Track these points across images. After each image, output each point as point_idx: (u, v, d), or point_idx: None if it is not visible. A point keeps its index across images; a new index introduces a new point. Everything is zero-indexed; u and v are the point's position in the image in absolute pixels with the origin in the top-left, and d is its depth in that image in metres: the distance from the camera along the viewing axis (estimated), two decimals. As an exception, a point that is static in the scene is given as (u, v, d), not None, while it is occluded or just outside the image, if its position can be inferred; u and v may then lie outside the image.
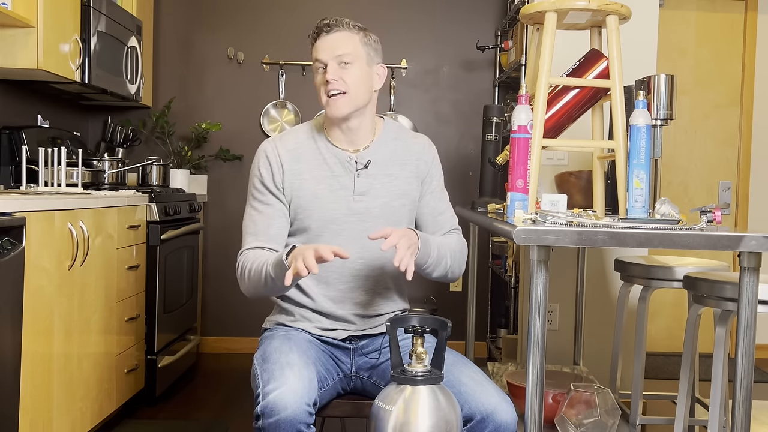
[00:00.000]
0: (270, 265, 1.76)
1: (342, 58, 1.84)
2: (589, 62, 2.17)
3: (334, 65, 1.84)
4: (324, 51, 1.85)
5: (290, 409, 1.56)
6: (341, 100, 1.85)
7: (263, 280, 1.78)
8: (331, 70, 1.84)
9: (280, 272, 1.71)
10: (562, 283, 3.23)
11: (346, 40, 1.85)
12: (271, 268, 1.75)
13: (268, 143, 1.94)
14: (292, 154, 1.91)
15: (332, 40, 1.85)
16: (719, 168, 4.57)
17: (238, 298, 4.41)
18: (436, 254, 1.85)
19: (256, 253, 1.85)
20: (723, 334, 1.99)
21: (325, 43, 1.85)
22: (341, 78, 1.84)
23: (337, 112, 1.85)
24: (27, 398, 2.18)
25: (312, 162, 1.91)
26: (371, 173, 1.92)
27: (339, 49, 1.84)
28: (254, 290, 1.84)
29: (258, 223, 1.89)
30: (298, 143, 1.93)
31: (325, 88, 1.85)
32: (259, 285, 1.81)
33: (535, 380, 1.66)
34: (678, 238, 1.62)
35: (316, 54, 1.86)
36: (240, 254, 1.89)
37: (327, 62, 1.84)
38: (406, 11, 4.41)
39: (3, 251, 2.01)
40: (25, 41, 2.88)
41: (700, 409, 2.73)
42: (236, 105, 4.40)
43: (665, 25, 4.40)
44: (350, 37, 1.86)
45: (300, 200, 1.89)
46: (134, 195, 3.09)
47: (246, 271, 1.84)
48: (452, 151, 4.42)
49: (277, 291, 1.83)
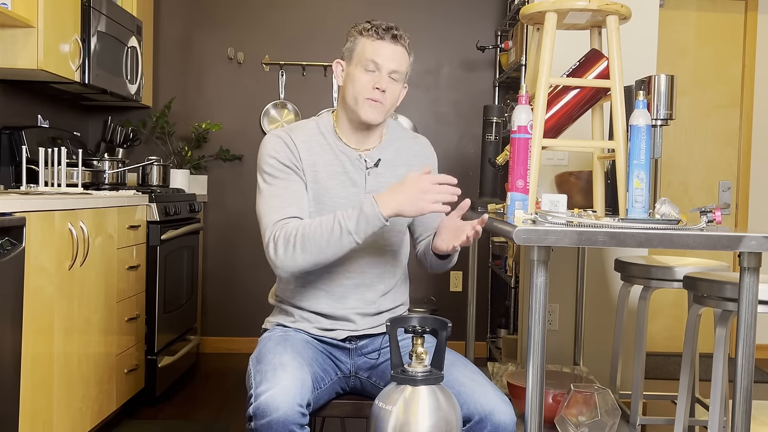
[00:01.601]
0: (344, 219, 1.70)
1: (394, 74, 1.85)
2: (589, 62, 2.17)
3: (386, 77, 1.84)
4: (387, 59, 1.84)
5: (282, 410, 1.56)
6: (379, 109, 1.85)
7: (335, 238, 1.70)
8: (384, 80, 1.84)
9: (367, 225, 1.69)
10: (562, 283, 3.23)
11: (403, 59, 1.87)
12: (349, 221, 1.69)
13: (281, 131, 1.90)
14: (305, 145, 1.89)
15: (396, 53, 1.85)
16: (719, 168, 4.57)
17: (238, 298, 4.41)
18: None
19: (300, 221, 1.76)
20: (723, 334, 1.99)
21: (389, 52, 1.84)
22: (388, 91, 1.85)
23: (372, 117, 1.85)
24: (27, 398, 2.18)
25: (325, 156, 1.90)
26: (380, 172, 1.93)
27: (397, 64, 1.85)
28: (307, 257, 1.73)
29: (286, 197, 1.81)
30: (308, 136, 1.91)
31: (372, 93, 1.84)
32: (323, 247, 1.71)
33: (535, 380, 1.66)
34: (678, 238, 1.62)
35: (375, 56, 1.83)
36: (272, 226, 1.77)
37: (382, 70, 1.84)
38: (405, 11, 4.41)
39: (3, 251, 2.01)
40: (25, 41, 2.88)
41: (700, 409, 2.73)
42: (236, 105, 4.40)
43: (665, 25, 4.40)
44: (405, 56, 1.88)
45: (313, 192, 1.87)
46: (134, 195, 3.09)
47: (297, 236, 1.73)
48: (452, 151, 4.42)
49: (342, 251, 1.74)
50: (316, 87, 4.40)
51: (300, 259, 1.74)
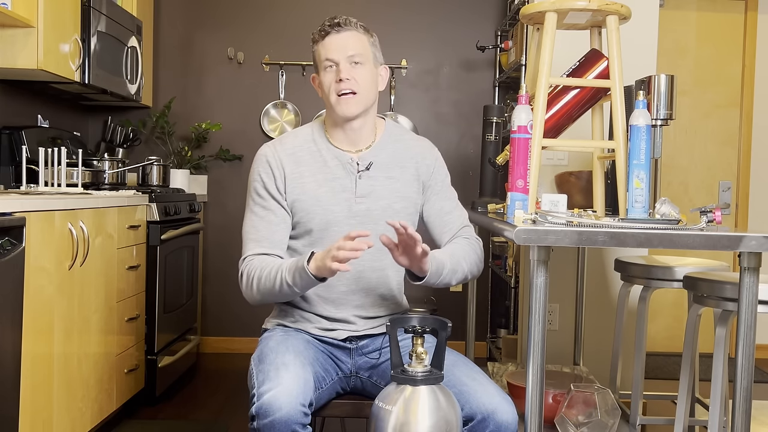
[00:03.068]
0: (286, 272, 1.75)
1: (353, 58, 1.84)
2: (589, 62, 2.17)
3: (346, 65, 1.84)
4: (336, 50, 1.84)
5: (285, 410, 1.56)
6: (352, 100, 1.84)
7: (277, 288, 1.77)
8: (344, 69, 1.83)
9: (300, 279, 1.72)
10: (562, 283, 3.23)
11: (357, 40, 1.85)
12: (288, 274, 1.74)
13: (267, 147, 1.93)
14: (292, 158, 1.91)
15: (343, 39, 1.84)
16: (719, 168, 4.57)
17: (238, 298, 4.41)
18: (449, 267, 1.83)
19: (263, 260, 1.84)
20: (723, 334, 1.99)
21: (336, 42, 1.84)
22: (353, 78, 1.84)
23: (348, 111, 1.85)
24: (27, 398, 2.18)
25: (313, 165, 1.91)
26: (372, 175, 1.91)
27: (350, 49, 1.84)
28: (262, 297, 1.83)
29: (260, 230, 1.88)
30: (297, 146, 1.93)
31: (337, 87, 1.84)
32: (271, 292, 1.80)
33: (535, 380, 1.66)
34: (678, 238, 1.62)
35: (326, 53, 1.85)
36: (243, 261, 1.87)
37: (339, 61, 1.84)
38: (406, 11, 4.41)
39: (3, 251, 2.01)
40: (25, 41, 2.88)
41: (700, 409, 2.73)
42: (236, 105, 4.40)
43: (665, 25, 4.40)
44: (359, 37, 1.86)
45: (302, 203, 1.89)
46: (134, 195, 3.09)
47: (254, 279, 1.82)
48: (452, 151, 4.42)
49: (290, 297, 1.84)
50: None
51: (258, 297, 1.84)
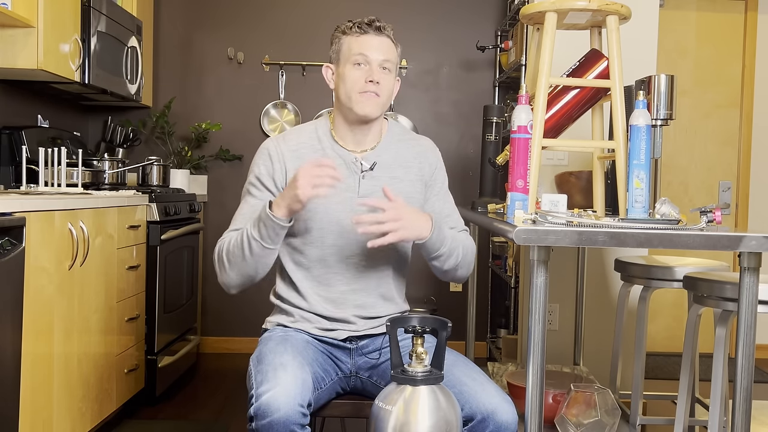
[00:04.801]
0: (251, 227, 1.74)
1: (385, 64, 1.85)
2: (589, 62, 2.17)
3: (378, 68, 1.84)
4: (374, 50, 1.84)
5: (283, 411, 1.55)
6: (374, 101, 1.85)
7: (247, 249, 1.75)
8: (376, 72, 1.84)
9: (265, 227, 1.71)
10: (562, 283, 3.23)
11: (391, 48, 1.87)
12: (253, 228, 1.74)
13: (271, 141, 1.93)
14: (295, 154, 1.90)
15: (381, 43, 1.85)
16: (719, 168, 4.57)
17: (238, 298, 4.41)
18: (449, 244, 1.84)
19: (231, 235, 1.84)
20: (723, 334, 1.99)
21: (376, 42, 1.85)
22: (381, 81, 1.85)
23: (368, 110, 1.85)
24: (27, 398, 2.18)
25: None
26: (376, 175, 1.91)
27: (386, 54, 1.85)
28: (237, 272, 1.80)
29: (246, 216, 1.87)
30: (301, 143, 1.93)
31: (364, 85, 1.84)
32: (243, 259, 1.77)
33: (535, 380, 1.66)
34: (678, 238, 1.62)
35: (363, 49, 1.84)
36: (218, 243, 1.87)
37: (372, 62, 1.84)
38: (406, 11, 4.41)
39: (3, 251, 2.01)
40: (25, 41, 2.88)
41: (700, 409, 2.73)
42: (236, 105, 4.40)
43: (665, 25, 4.40)
44: (392, 46, 1.88)
45: None
46: (134, 195, 3.09)
47: (223, 253, 1.81)
48: (452, 151, 4.42)
49: (262, 258, 1.78)
50: (316, 87, 4.40)
51: (232, 274, 1.81)
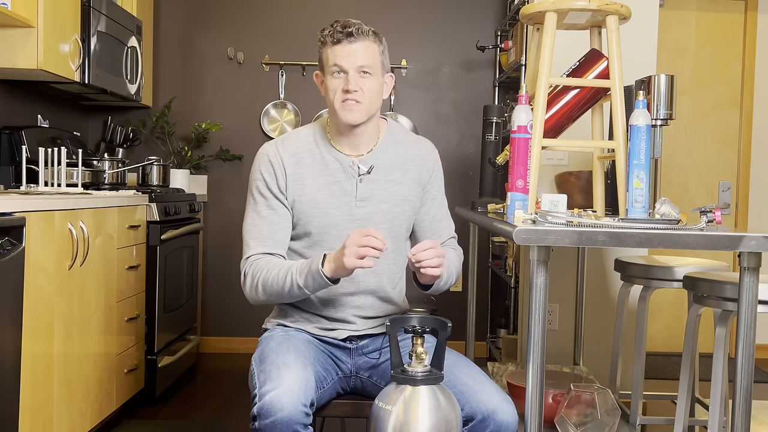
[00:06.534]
0: (297, 274, 1.76)
1: (362, 68, 1.83)
2: (589, 62, 2.17)
3: (355, 75, 1.83)
4: (346, 59, 1.82)
5: (286, 410, 1.56)
6: (356, 108, 1.84)
7: (287, 290, 1.79)
8: (353, 79, 1.82)
9: (313, 282, 1.74)
10: (562, 283, 3.23)
11: (368, 51, 1.84)
12: (300, 276, 1.76)
13: (269, 146, 1.93)
14: (294, 158, 1.90)
15: (355, 49, 1.82)
16: (719, 168, 4.57)
17: (238, 298, 4.41)
18: (445, 276, 1.91)
19: (268, 260, 1.84)
20: (723, 334, 1.99)
21: (348, 50, 1.82)
22: (360, 88, 1.83)
23: (351, 119, 1.85)
24: (27, 398, 2.18)
25: (314, 167, 1.91)
26: (373, 178, 1.91)
27: (361, 59, 1.83)
28: (267, 299, 1.85)
29: (263, 229, 1.88)
30: (299, 147, 1.93)
31: (342, 94, 1.84)
32: (279, 294, 1.81)
33: (535, 380, 1.66)
34: (678, 238, 1.62)
35: (337, 59, 1.83)
36: (245, 261, 1.87)
37: (348, 70, 1.83)
38: (406, 11, 4.41)
39: (3, 251, 2.01)
40: (25, 41, 2.88)
41: (700, 409, 2.73)
42: (236, 105, 4.40)
43: (665, 25, 4.40)
44: (371, 47, 1.84)
45: (302, 205, 1.89)
46: (134, 195, 3.09)
47: (259, 280, 1.83)
48: (452, 151, 4.42)
49: (297, 299, 1.85)
50: (316, 87, 4.36)
51: (263, 298, 1.86)
